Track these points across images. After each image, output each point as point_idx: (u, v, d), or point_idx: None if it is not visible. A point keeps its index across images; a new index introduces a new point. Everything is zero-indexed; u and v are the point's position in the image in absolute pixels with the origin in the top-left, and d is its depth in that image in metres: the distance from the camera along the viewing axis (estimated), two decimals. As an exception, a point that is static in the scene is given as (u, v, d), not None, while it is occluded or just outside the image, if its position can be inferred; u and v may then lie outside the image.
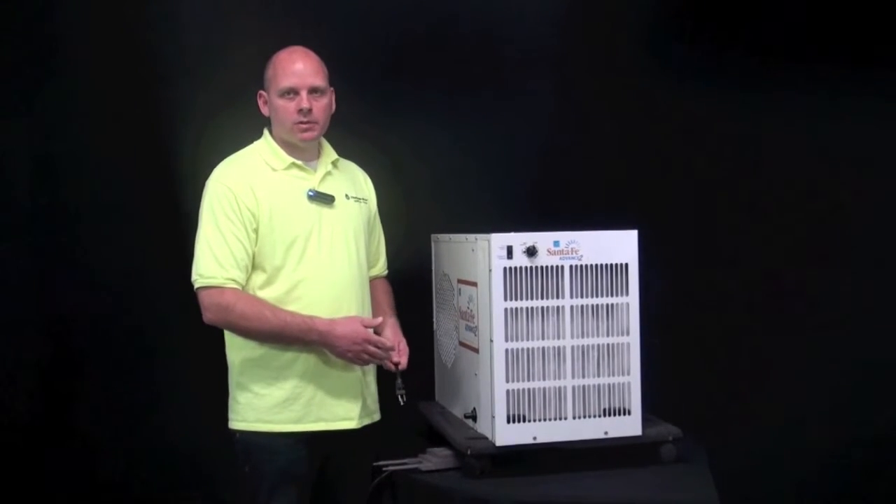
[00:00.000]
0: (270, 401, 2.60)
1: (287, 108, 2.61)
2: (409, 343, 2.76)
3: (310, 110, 2.61)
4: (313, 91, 2.62)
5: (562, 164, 3.50)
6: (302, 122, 2.61)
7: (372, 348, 2.56)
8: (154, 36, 3.37)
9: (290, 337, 2.56)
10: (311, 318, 2.55)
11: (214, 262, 2.55)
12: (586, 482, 2.50)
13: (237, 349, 2.64)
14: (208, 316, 2.57)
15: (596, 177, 3.47)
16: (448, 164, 3.46)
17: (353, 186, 2.79)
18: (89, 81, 3.37)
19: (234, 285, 2.56)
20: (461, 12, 3.49)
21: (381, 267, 2.91)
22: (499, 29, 3.51)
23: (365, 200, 2.81)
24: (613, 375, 2.59)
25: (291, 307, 2.58)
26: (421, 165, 3.41)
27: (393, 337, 2.66)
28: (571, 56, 3.52)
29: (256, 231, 2.58)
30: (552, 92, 3.52)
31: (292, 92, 2.61)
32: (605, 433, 2.58)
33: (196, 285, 2.57)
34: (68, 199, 3.43)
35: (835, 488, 3.50)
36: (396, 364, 2.60)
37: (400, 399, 2.59)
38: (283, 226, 2.59)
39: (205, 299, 2.57)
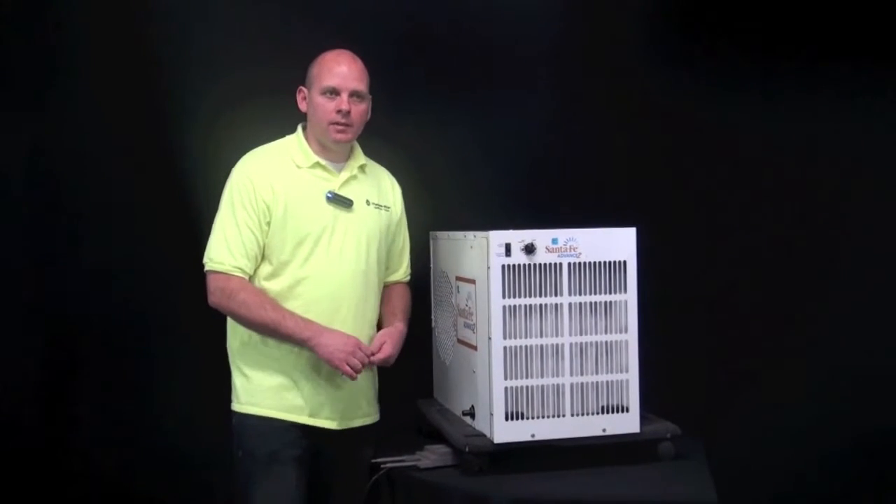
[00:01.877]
0: (263, 385, 2.66)
1: (326, 106, 2.66)
2: (408, 340, 2.76)
3: (348, 112, 2.66)
4: (354, 95, 2.67)
5: (560, 162, 3.50)
6: (338, 123, 2.66)
7: (360, 353, 2.59)
8: (160, 32, 3.37)
9: (283, 332, 2.60)
10: (308, 319, 2.61)
11: (225, 248, 2.62)
12: (584, 479, 2.50)
13: (235, 334, 2.71)
14: (212, 299, 2.65)
15: (594, 174, 3.47)
16: (446, 162, 3.45)
17: (378, 193, 2.81)
18: (93, 78, 3.37)
19: (241, 274, 2.63)
20: (461, 11, 3.49)
21: (402, 273, 2.92)
22: (498, 28, 3.50)
23: (387, 208, 2.83)
24: (612, 373, 2.59)
25: (291, 303, 2.63)
26: (419, 163, 3.39)
27: (379, 336, 2.69)
28: (571, 55, 3.51)
29: (269, 224, 2.64)
30: (551, 90, 3.52)
31: (334, 92, 2.66)
32: (604, 430, 2.59)
33: (205, 268, 2.65)
34: (69, 197, 3.43)
35: (833, 486, 3.50)
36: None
37: None
38: (296, 223, 2.64)
39: (211, 283, 2.65)
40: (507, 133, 3.49)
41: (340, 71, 2.68)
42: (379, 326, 2.79)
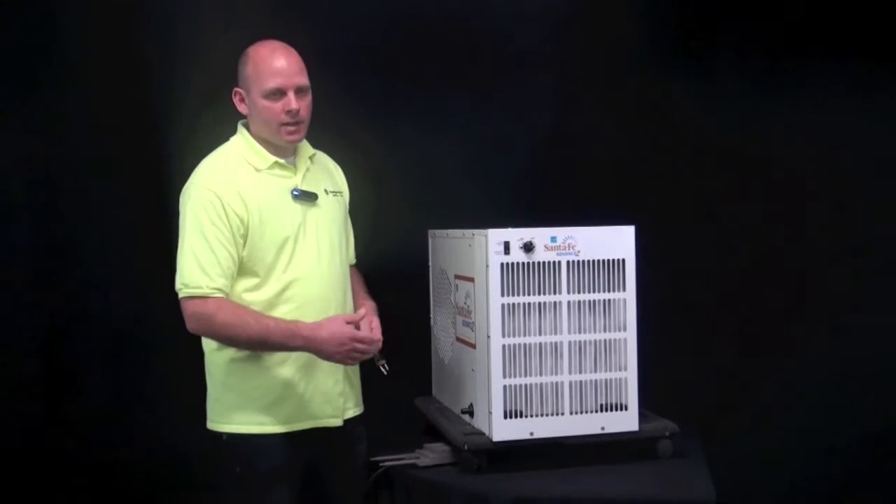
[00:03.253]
0: (261, 401, 2.56)
1: (273, 108, 2.53)
2: (406, 339, 2.77)
3: (298, 111, 2.54)
4: (299, 90, 2.54)
5: (559, 161, 3.50)
6: (289, 124, 2.54)
7: (359, 345, 2.48)
8: (146, 35, 3.36)
9: (274, 343, 2.49)
10: (294, 323, 2.49)
11: (200, 270, 2.47)
12: (583, 477, 2.50)
13: (222, 350, 2.57)
14: (190, 326, 2.50)
15: (593, 173, 3.48)
16: (446, 160, 3.45)
17: (330, 180, 2.75)
18: (82, 83, 3.36)
19: (220, 294, 2.48)
20: (462, 9, 3.49)
21: (351, 255, 2.85)
22: (499, 26, 3.50)
23: (341, 193, 2.77)
24: (610, 371, 2.60)
25: (282, 308, 2.54)
26: (418, 161, 3.41)
27: (366, 317, 2.58)
28: (571, 54, 3.52)
29: (245, 236, 2.51)
30: (551, 88, 3.52)
31: (279, 93, 2.52)
32: (602, 429, 2.59)
33: (180, 295, 2.49)
34: (63, 201, 3.43)
35: (832, 484, 3.50)
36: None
37: (382, 369, 2.58)
38: (273, 227, 2.54)
39: (188, 309, 2.49)
40: (506, 131, 3.49)
41: (281, 68, 2.51)
42: None
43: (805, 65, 3.44)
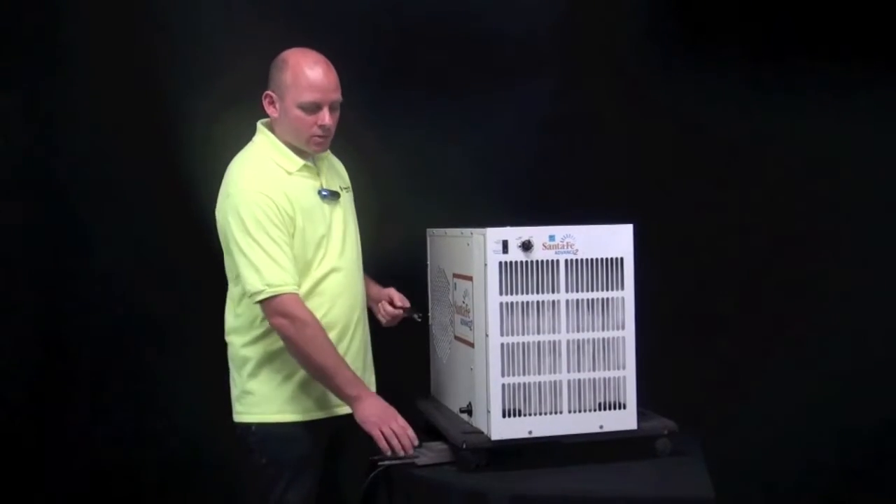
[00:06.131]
0: (289, 391, 2.65)
1: (307, 120, 2.60)
2: (405, 338, 2.78)
3: (330, 126, 2.62)
4: (333, 106, 2.62)
5: (558, 159, 3.51)
6: (319, 136, 2.63)
7: (396, 425, 2.57)
8: (159, 38, 3.37)
9: (334, 381, 2.57)
10: (359, 380, 2.60)
11: (279, 269, 2.52)
12: (582, 476, 2.50)
13: (254, 344, 2.65)
14: (276, 321, 2.54)
15: (592, 171, 3.48)
16: (445, 159, 3.46)
17: (340, 177, 2.83)
18: (93, 85, 3.37)
19: (298, 290, 2.56)
20: (462, 10, 3.49)
21: None
22: (498, 26, 3.51)
23: (349, 189, 2.85)
24: (609, 369, 2.59)
25: (316, 300, 2.63)
26: (417, 160, 3.42)
27: (388, 290, 2.84)
28: (570, 53, 3.52)
29: (293, 235, 2.60)
30: (550, 88, 3.52)
31: (315, 107, 2.58)
32: (601, 427, 2.58)
33: (264, 296, 2.52)
34: (70, 199, 3.43)
35: (830, 482, 3.51)
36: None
37: (417, 318, 2.80)
38: (312, 227, 2.64)
39: (279, 307, 2.52)
40: (504, 130, 3.49)
41: (320, 84, 2.57)
42: None
43: (806, 64, 3.44)
